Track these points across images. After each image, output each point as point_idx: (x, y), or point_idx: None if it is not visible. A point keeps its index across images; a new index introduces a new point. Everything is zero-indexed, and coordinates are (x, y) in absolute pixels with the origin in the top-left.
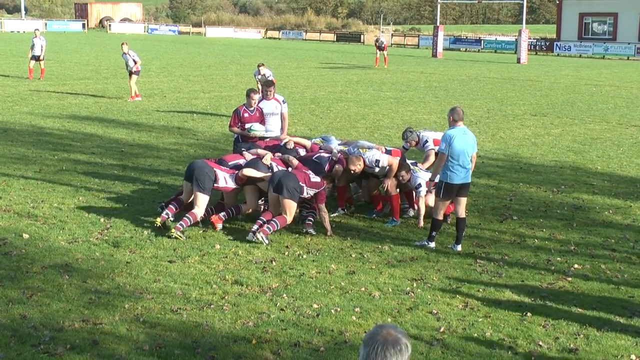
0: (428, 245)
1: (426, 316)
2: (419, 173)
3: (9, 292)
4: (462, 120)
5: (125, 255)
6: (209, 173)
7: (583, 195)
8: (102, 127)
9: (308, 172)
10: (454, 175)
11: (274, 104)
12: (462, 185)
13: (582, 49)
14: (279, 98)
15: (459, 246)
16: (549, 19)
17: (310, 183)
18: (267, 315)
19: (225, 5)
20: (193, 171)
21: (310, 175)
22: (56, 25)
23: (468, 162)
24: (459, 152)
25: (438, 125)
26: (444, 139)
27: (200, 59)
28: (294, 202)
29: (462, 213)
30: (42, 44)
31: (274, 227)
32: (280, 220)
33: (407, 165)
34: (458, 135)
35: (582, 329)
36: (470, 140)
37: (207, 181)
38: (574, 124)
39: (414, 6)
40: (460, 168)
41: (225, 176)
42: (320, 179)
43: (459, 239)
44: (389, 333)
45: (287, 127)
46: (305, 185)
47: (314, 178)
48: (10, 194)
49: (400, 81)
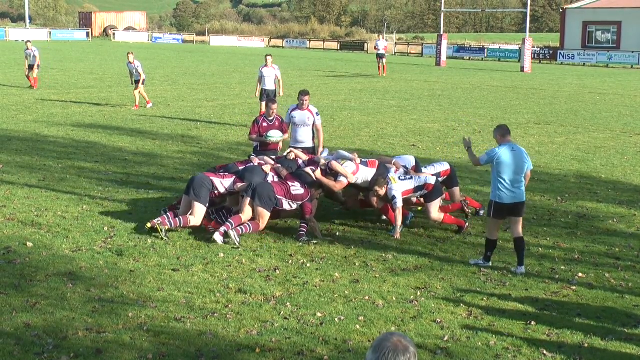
0: (485, 264)
1: (430, 325)
2: (393, 185)
3: (13, 301)
4: (509, 135)
5: (129, 263)
6: (205, 183)
7: (587, 204)
8: (105, 136)
9: (290, 184)
10: (503, 195)
11: (306, 115)
12: (514, 205)
13: (585, 58)
14: (313, 110)
15: (522, 267)
16: (552, 28)
17: (291, 195)
18: (270, 324)
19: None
20: (192, 184)
21: (292, 188)
22: (60, 34)
23: (519, 180)
24: (507, 169)
25: (441, 134)
26: (488, 153)
27: (204, 67)
28: (266, 211)
29: (519, 232)
30: (34, 54)
31: (247, 229)
32: (253, 225)
33: (381, 180)
34: (504, 152)
35: (587, 338)
36: (520, 157)
37: (204, 190)
38: (577, 133)
39: (418, 15)
40: (509, 186)
41: (222, 182)
42: (304, 191)
43: (521, 259)
44: (399, 341)
45: (322, 139)
46: (285, 197)
47: (297, 190)
48: (15, 202)
49: (404, 90)
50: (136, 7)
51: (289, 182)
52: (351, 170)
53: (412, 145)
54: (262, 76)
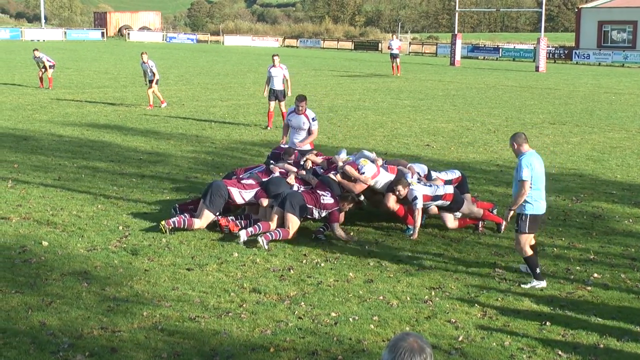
0: (538, 285)
1: (444, 325)
2: (415, 186)
3: (29, 299)
4: (527, 143)
5: (143, 263)
6: (222, 192)
7: (602, 204)
8: (120, 135)
9: (321, 193)
10: (540, 205)
11: (302, 120)
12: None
13: (601, 57)
14: (310, 115)
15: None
16: (567, 27)
17: (320, 204)
18: (285, 324)
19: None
20: (209, 190)
21: (322, 197)
22: (75, 34)
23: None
24: (539, 177)
25: (455, 134)
26: (525, 164)
27: (218, 67)
28: (296, 218)
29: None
30: (43, 58)
31: (277, 235)
32: (283, 232)
33: (404, 181)
34: (534, 159)
35: (602, 339)
36: (542, 163)
37: (219, 200)
38: (593, 133)
39: (432, 14)
40: (544, 195)
41: (242, 193)
42: (333, 201)
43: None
44: (415, 341)
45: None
46: (315, 206)
47: (327, 200)
48: (30, 201)
49: (418, 89)
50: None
51: (319, 190)
52: (371, 173)
53: (426, 145)
54: (270, 76)
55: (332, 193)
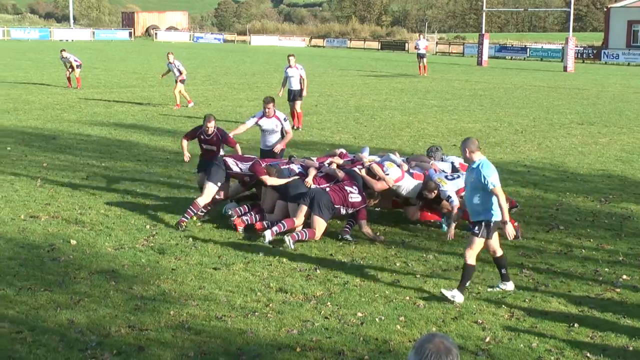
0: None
1: (471, 326)
2: (444, 186)
3: (57, 297)
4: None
5: (170, 262)
6: (219, 162)
7: (631, 206)
8: (147, 135)
9: (349, 190)
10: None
11: (274, 122)
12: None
13: (630, 57)
14: (280, 116)
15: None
16: (596, 27)
17: (348, 203)
18: (311, 323)
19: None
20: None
21: (350, 195)
22: (104, 34)
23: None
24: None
25: (483, 134)
26: (491, 170)
27: (245, 67)
28: (323, 221)
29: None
30: (71, 58)
31: (303, 236)
32: (310, 232)
33: (431, 184)
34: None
35: (631, 341)
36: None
37: (216, 169)
38: (622, 133)
39: (459, 14)
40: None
41: (237, 162)
42: (361, 198)
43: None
44: (442, 342)
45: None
46: (342, 205)
47: (355, 198)
48: (59, 200)
49: (445, 89)
50: (178, 7)
51: (346, 186)
52: (396, 176)
53: (453, 145)
54: (287, 77)
55: (360, 189)
